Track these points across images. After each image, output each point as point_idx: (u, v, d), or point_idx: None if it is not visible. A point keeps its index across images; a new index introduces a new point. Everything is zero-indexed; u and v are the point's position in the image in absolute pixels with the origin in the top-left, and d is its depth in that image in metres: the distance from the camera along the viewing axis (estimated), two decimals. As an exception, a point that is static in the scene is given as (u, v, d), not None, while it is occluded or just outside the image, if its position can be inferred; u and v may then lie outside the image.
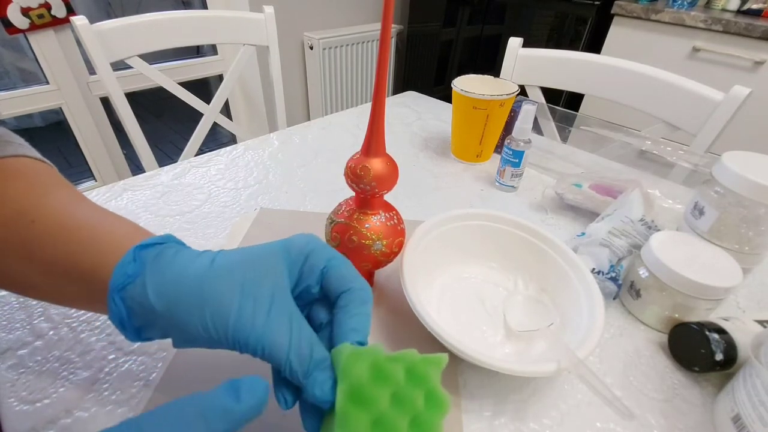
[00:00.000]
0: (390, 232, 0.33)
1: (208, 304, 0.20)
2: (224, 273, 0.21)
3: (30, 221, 0.23)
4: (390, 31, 0.26)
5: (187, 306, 0.20)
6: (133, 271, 0.21)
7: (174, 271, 0.21)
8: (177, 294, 0.20)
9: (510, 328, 0.35)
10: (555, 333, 0.33)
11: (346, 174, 0.32)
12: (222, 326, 0.20)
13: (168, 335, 0.22)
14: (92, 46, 0.70)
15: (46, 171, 0.27)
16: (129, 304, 0.21)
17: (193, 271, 0.21)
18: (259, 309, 0.20)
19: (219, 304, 0.20)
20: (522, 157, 0.53)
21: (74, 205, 0.25)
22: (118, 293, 0.21)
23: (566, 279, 0.36)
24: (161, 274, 0.21)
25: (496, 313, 0.37)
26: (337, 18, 1.74)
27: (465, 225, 0.40)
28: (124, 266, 0.21)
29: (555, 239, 0.38)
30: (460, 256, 0.41)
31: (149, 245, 0.23)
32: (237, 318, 0.20)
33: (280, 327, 0.20)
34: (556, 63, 0.82)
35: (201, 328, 0.20)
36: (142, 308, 0.21)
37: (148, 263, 0.21)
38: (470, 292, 0.39)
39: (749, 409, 0.26)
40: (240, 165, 0.60)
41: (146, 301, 0.21)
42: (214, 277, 0.21)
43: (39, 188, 0.25)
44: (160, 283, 0.21)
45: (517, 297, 0.38)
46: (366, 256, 0.33)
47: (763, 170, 0.36)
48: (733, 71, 1.24)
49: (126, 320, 0.21)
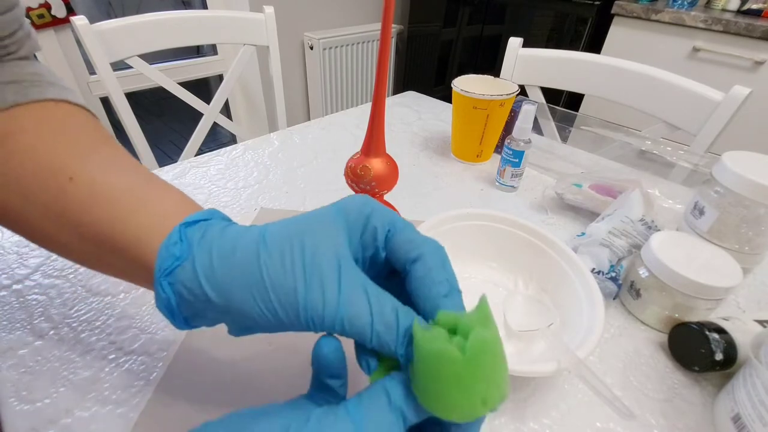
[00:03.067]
0: None
1: (272, 285, 0.18)
2: (280, 248, 0.19)
3: (68, 178, 0.21)
4: (390, 31, 0.26)
5: (247, 291, 0.18)
6: (180, 252, 0.19)
7: (223, 253, 0.19)
8: (231, 278, 0.18)
9: (510, 328, 0.35)
10: (555, 333, 0.33)
11: (346, 174, 0.32)
12: (292, 307, 0.18)
13: (221, 322, 0.20)
14: (92, 46, 0.70)
15: (89, 122, 0.25)
16: (178, 290, 0.19)
17: (244, 251, 0.19)
18: (329, 281, 0.18)
19: (283, 284, 0.18)
20: (522, 157, 0.53)
21: (117, 167, 0.23)
22: (166, 278, 0.19)
23: (566, 279, 0.36)
24: (210, 256, 0.19)
25: (497, 313, 0.37)
26: (337, 18, 1.74)
27: (465, 225, 0.40)
28: (170, 247, 0.19)
29: (555, 239, 0.38)
30: (460, 256, 0.40)
31: (195, 222, 0.21)
32: (305, 295, 0.18)
33: (356, 297, 0.18)
34: (556, 63, 0.82)
35: (268, 313, 0.18)
36: (194, 295, 0.19)
37: (195, 244, 0.19)
38: (470, 292, 0.39)
39: (749, 408, 0.27)
40: (240, 165, 0.60)
41: (198, 287, 0.19)
42: (270, 255, 0.18)
43: (83, 142, 0.23)
44: (210, 266, 0.19)
45: (517, 297, 0.38)
46: None
47: (763, 170, 0.36)
48: (733, 71, 1.24)
49: (176, 308, 0.19)
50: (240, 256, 0.19)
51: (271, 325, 0.19)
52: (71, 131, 0.23)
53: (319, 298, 0.18)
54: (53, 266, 0.40)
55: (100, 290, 0.38)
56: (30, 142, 0.22)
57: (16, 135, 0.22)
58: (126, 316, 0.35)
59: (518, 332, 0.34)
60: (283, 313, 0.18)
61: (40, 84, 0.25)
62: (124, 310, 0.36)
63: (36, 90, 0.24)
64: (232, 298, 0.18)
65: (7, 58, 0.25)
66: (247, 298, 0.18)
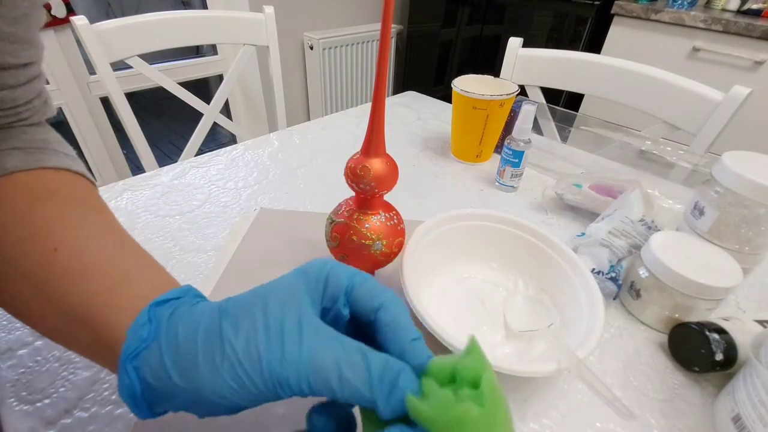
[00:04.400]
0: (390, 232, 0.33)
1: (236, 357, 0.17)
2: (242, 317, 0.19)
3: (53, 249, 0.21)
4: (390, 31, 0.26)
5: (211, 365, 0.17)
6: (147, 334, 0.19)
7: (188, 331, 0.19)
8: (195, 355, 0.18)
9: (510, 328, 0.35)
10: (555, 333, 0.33)
11: (346, 174, 0.32)
12: (258, 374, 0.17)
13: (189, 408, 0.19)
14: (92, 46, 0.70)
15: (84, 192, 0.25)
16: (143, 374, 0.18)
17: (207, 326, 0.19)
18: (290, 340, 0.18)
19: (247, 352, 0.17)
20: (522, 157, 0.53)
21: (102, 241, 0.23)
22: (131, 361, 0.18)
23: (566, 279, 0.36)
24: (176, 336, 0.19)
25: (497, 313, 0.37)
26: (337, 18, 1.74)
27: (465, 225, 0.40)
28: (137, 330, 0.19)
29: (555, 239, 0.38)
30: (460, 256, 0.41)
31: (165, 301, 0.20)
32: (269, 358, 0.17)
33: (320, 349, 0.18)
34: (556, 63, 0.82)
35: (235, 384, 0.17)
36: (158, 378, 0.18)
37: (163, 324, 0.19)
38: (470, 292, 0.39)
39: (749, 409, 0.26)
40: (240, 165, 0.60)
41: (163, 369, 0.18)
42: (232, 325, 0.18)
43: (70, 213, 0.23)
44: (175, 346, 0.18)
45: (517, 297, 0.38)
46: (366, 256, 0.33)
47: (763, 170, 0.36)
48: (733, 71, 1.24)
49: (139, 395, 0.19)
50: (203, 332, 0.18)
51: (242, 397, 0.18)
52: (63, 200, 0.24)
53: (280, 358, 0.17)
54: (53, 266, 0.40)
55: (99, 290, 0.38)
56: (20, 209, 0.22)
57: (9, 202, 0.22)
58: (126, 317, 0.35)
59: (518, 332, 0.34)
60: (250, 382, 0.17)
61: (45, 151, 0.25)
62: (123, 311, 0.36)
63: (39, 157, 0.25)
64: (198, 375, 0.18)
65: (18, 124, 0.25)
66: (213, 373, 0.18)
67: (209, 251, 0.43)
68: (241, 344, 0.18)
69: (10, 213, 0.22)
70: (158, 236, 0.45)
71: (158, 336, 0.19)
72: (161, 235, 0.45)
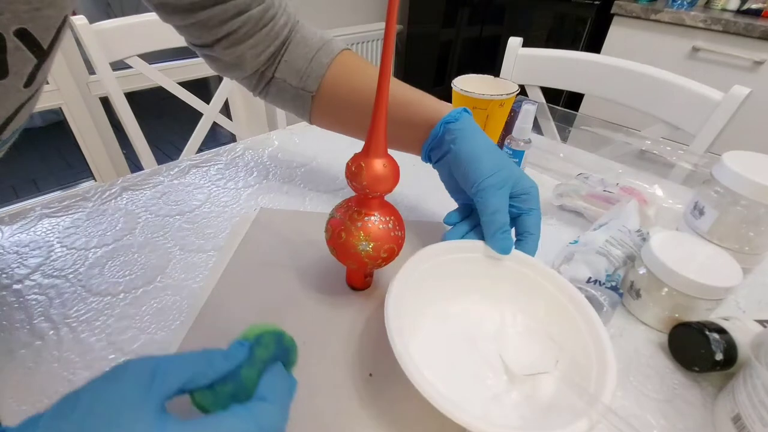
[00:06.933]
0: (381, 236, 0.32)
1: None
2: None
3: (373, 89, 0.29)
4: (394, 32, 0.26)
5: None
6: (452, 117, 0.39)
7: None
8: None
9: (512, 373, 0.31)
10: (567, 374, 0.29)
11: (346, 174, 0.32)
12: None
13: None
14: (92, 45, 0.70)
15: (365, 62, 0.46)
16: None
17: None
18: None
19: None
20: (522, 157, 0.53)
21: (400, 86, 0.43)
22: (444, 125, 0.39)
23: (555, 302, 0.33)
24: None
25: (492, 354, 0.32)
26: (337, 18, 1.74)
27: (437, 263, 0.35)
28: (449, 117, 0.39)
29: (531, 259, 0.35)
30: (440, 293, 0.35)
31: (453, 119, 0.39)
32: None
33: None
34: (556, 63, 0.82)
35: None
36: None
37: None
38: (458, 333, 0.34)
39: (749, 409, 0.27)
40: (240, 165, 0.60)
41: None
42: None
43: (371, 71, 0.44)
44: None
45: (507, 331, 0.34)
46: (352, 254, 0.32)
47: (763, 170, 0.36)
48: (733, 71, 1.24)
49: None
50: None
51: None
52: (369, 69, 0.44)
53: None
54: (53, 266, 0.40)
55: (99, 290, 0.38)
56: (361, 73, 0.44)
57: (353, 73, 0.44)
58: (125, 317, 0.35)
59: (523, 377, 0.30)
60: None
61: (331, 41, 0.45)
62: (123, 311, 0.36)
63: (334, 47, 0.45)
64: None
65: (292, 38, 0.46)
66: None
67: (209, 251, 0.43)
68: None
69: (355, 77, 0.44)
70: (158, 236, 0.45)
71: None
72: (161, 235, 0.45)
